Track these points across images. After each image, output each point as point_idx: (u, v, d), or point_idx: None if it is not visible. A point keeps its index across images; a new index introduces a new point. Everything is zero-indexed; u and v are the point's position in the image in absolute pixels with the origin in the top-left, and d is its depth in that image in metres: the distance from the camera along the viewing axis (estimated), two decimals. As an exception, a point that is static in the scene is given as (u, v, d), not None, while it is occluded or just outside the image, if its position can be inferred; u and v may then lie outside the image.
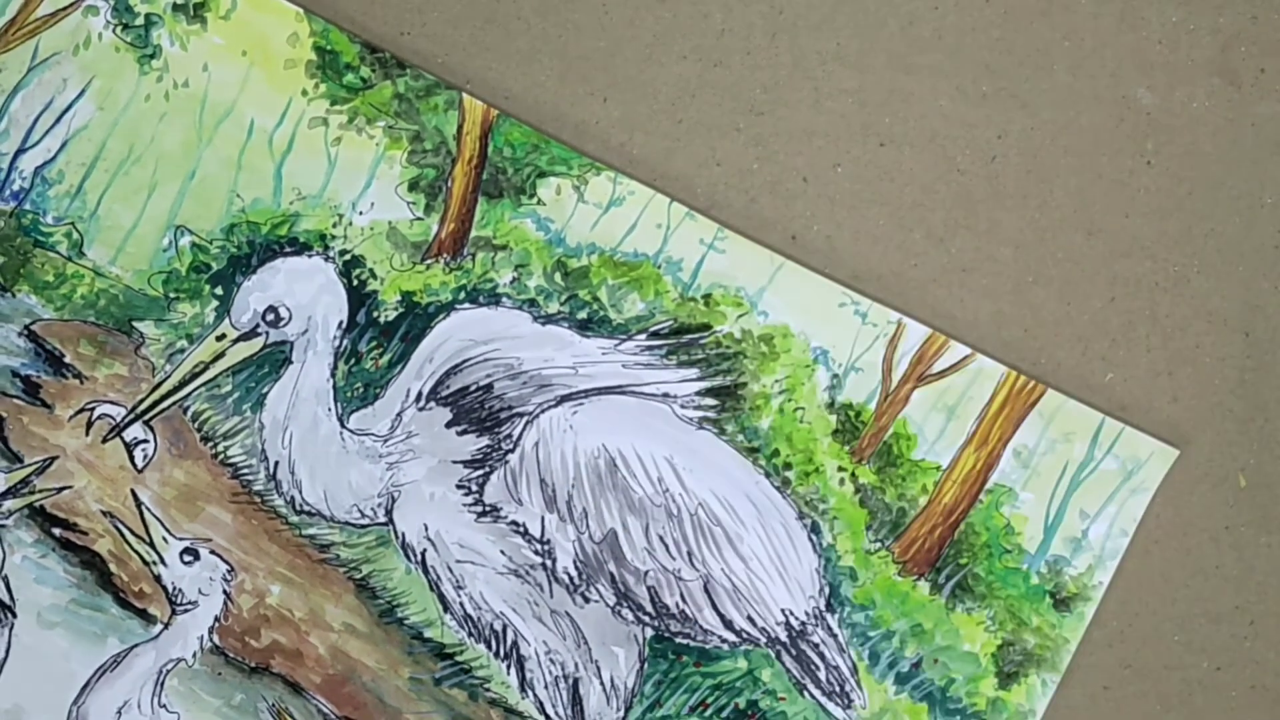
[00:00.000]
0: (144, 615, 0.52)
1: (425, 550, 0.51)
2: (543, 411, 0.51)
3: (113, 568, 0.51)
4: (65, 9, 0.51)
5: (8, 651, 0.51)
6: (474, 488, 0.51)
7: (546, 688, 0.50)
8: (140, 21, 0.52)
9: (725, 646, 0.51)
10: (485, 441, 0.51)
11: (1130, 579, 0.51)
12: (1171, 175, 0.51)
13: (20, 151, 0.51)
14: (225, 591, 0.51)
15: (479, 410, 0.51)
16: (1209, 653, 0.51)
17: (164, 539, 0.51)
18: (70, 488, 0.51)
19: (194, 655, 0.51)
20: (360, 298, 0.52)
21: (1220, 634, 0.51)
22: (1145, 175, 0.51)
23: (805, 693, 0.51)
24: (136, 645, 0.51)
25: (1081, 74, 0.51)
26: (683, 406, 0.51)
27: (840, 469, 0.51)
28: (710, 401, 0.51)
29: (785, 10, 0.51)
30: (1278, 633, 0.50)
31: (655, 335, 0.51)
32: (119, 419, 0.52)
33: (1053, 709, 0.51)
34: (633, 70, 0.51)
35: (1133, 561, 0.51)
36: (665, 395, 0.51)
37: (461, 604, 0.51)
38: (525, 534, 0.50)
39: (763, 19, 0.51)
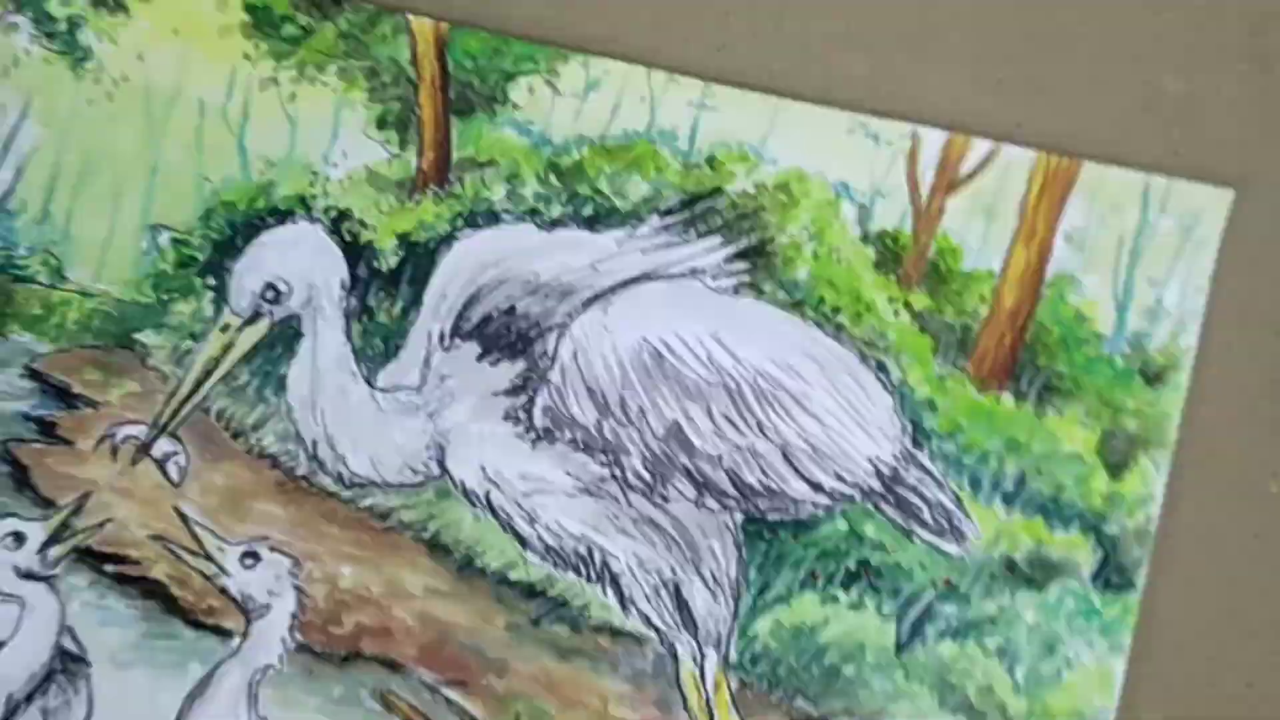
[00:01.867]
0: (219, 631, 0.53)
1: (489, 491, 0.52)
2: (573, 320, 0.52)
3: (175, 591, 0.53)
4: (-13, 32, 0.52)
5: (90, 704, 0.52)
6: (522, 415, 0.51)
7: (648, 599, 0.51)
8: (63, 26, 0.53)
9: (820, 511, 0.52)
10: (521, 365, 0.51)
11: (1157, 594, 0.52)
12: (1199, 166, 0.51)
13: (-24, 190, 0.52)
14: (296, 586, 0.53)
15: (507, 335, 0.52)
16: (1241, 668, 0.51)
17: (220, 548, 0.53)
18: (111, 520, 0.53)
19: (280, 659, 0.52)
20: (356, 251, 0.53)
21: (1254, 649, 0.52)
22: (1171, 165, 0.51)
23: (913, 538, 0.52)
24: (220, 664, 0.52)
25: (1104, 60, 0.51)
26: (714, 278, 0.53)
27: (891, 300, 0.53)
28: (740, 265, 0.53)
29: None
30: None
31: (667, 213, 0.53)
32: (143, 437, 0.53)
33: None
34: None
35: (1159, 578, 0.52)
36: (693, 271, 0.53)
37: (539, 537, 0.52)
38: (586, 448, 0.50)
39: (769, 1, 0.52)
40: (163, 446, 0.53)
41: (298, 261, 0.53)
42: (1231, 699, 0.54)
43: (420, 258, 0.54)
